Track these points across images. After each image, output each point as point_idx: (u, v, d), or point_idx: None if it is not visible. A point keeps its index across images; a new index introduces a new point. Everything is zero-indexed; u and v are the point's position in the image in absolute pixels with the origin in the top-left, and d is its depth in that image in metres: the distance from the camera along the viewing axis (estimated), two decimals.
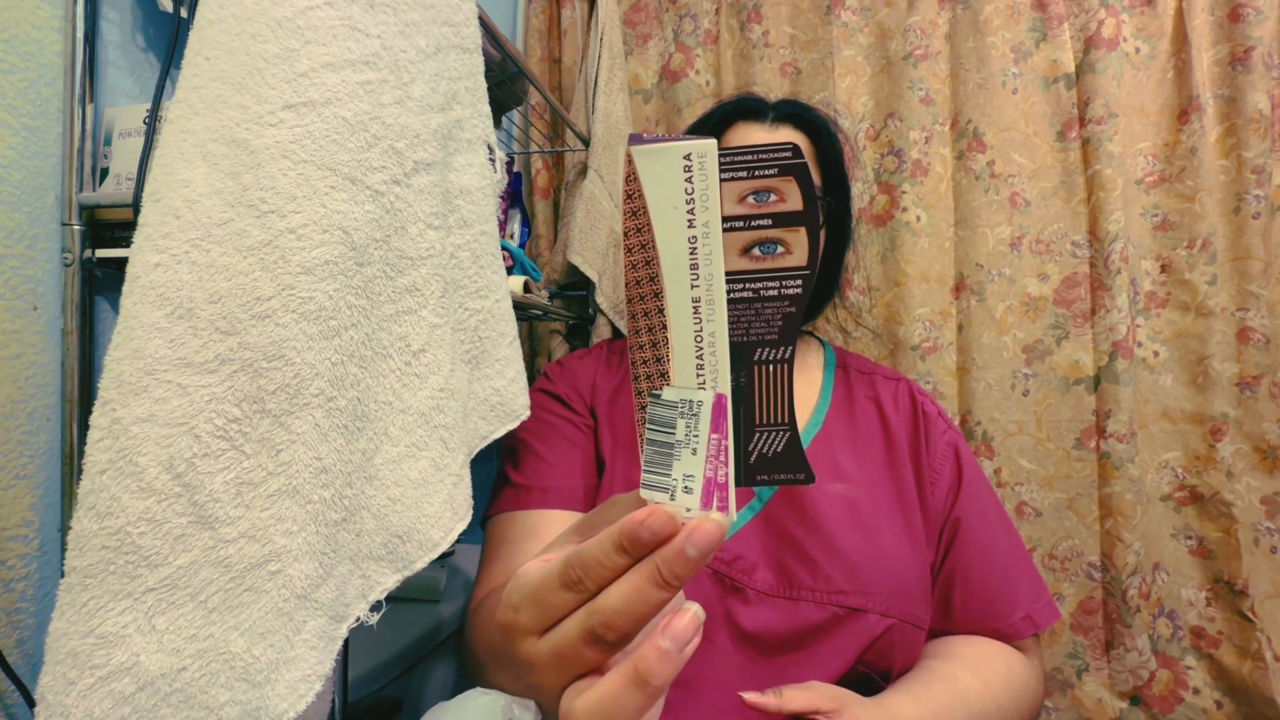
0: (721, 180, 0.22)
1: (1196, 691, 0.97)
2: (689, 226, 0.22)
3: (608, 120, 1.02)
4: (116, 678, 0.33)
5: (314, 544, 0.36)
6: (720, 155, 0.22)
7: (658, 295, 0.23)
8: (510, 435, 0.58)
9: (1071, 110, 1.05)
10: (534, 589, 0.24)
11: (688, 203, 0.21)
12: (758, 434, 0.25)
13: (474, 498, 0.46)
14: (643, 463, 0.23)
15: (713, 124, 0.62)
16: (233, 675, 0.34)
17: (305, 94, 0.37)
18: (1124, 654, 0.99)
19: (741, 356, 0.24)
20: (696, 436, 0.23)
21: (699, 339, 0.22)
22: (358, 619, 0.39)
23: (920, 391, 0.64)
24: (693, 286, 0.22)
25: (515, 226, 0.99)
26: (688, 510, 0.23)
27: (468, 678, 0.52)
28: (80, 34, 0.49)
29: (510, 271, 0.81)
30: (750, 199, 0.23)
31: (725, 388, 0.23)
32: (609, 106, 1.02)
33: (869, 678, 0.51)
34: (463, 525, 0.43)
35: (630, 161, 0.22)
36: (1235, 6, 1.02)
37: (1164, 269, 1.05)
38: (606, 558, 0.22)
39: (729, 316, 0.23)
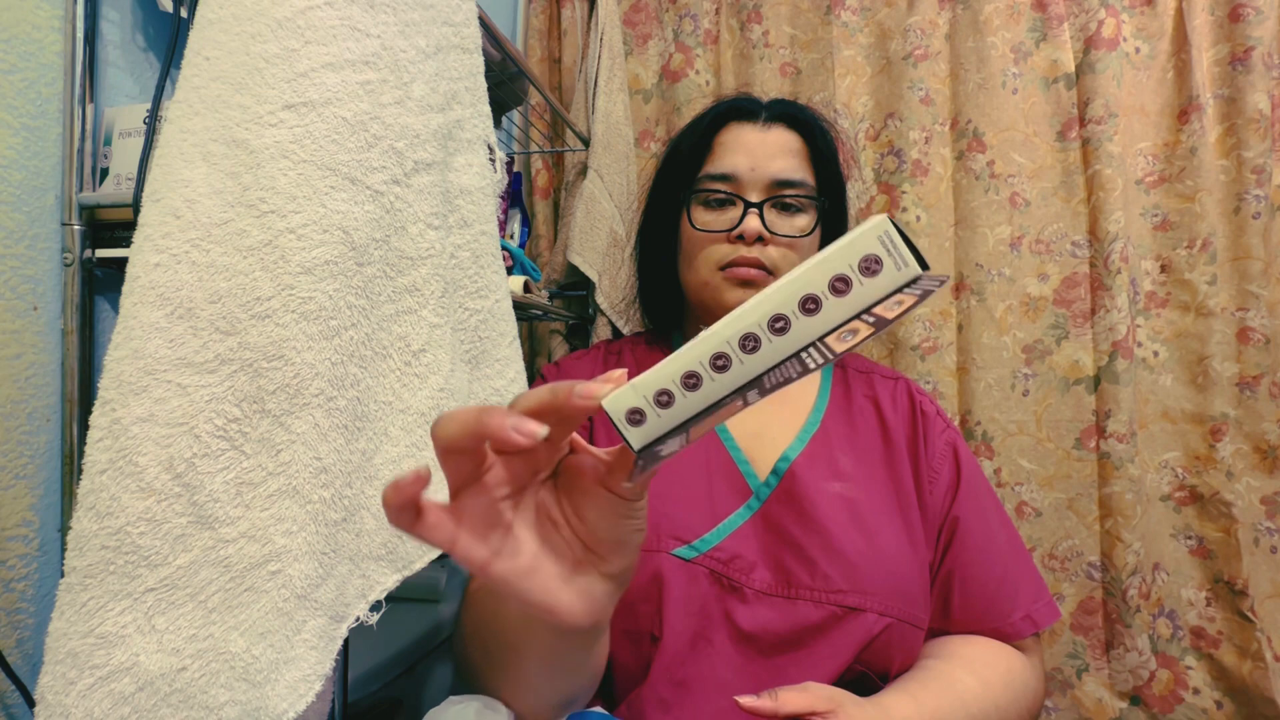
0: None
1: (1196, 691, 0.97)
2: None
3: (608, 120, 1.02)
4: (116, 678, 0.33)
5: (314, 544, 0.36)
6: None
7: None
8: None
9: (1071, 110, 1.05)
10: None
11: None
12: (669, 438, 0.25)
13: None
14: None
15: (706, 125, 0.62)
16: (232, 675, 0.34)
17: (305, 94, 0.37)
18: (1124, 654, 0.99)
19: (753, 387, 0.24)
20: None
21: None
22: (357, 619, 0.39)
23: (919, 390, 0.64)
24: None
25: (515, 226, 0.99)
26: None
27: (459, 677, 0.52)
28: (80, 34, 0.49)
29: (510, 271, 0.81)
30: (891, 302, 0.22)
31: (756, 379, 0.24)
32: (609, 106, 1.02)
33: (867, 677, 0.51)
34: None
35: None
36: (1235, 6, 1.02)
37: (1164, 269, 1.05)
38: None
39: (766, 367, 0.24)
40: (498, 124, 0.88)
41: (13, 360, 0.46)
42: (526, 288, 0.80)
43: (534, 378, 0.64)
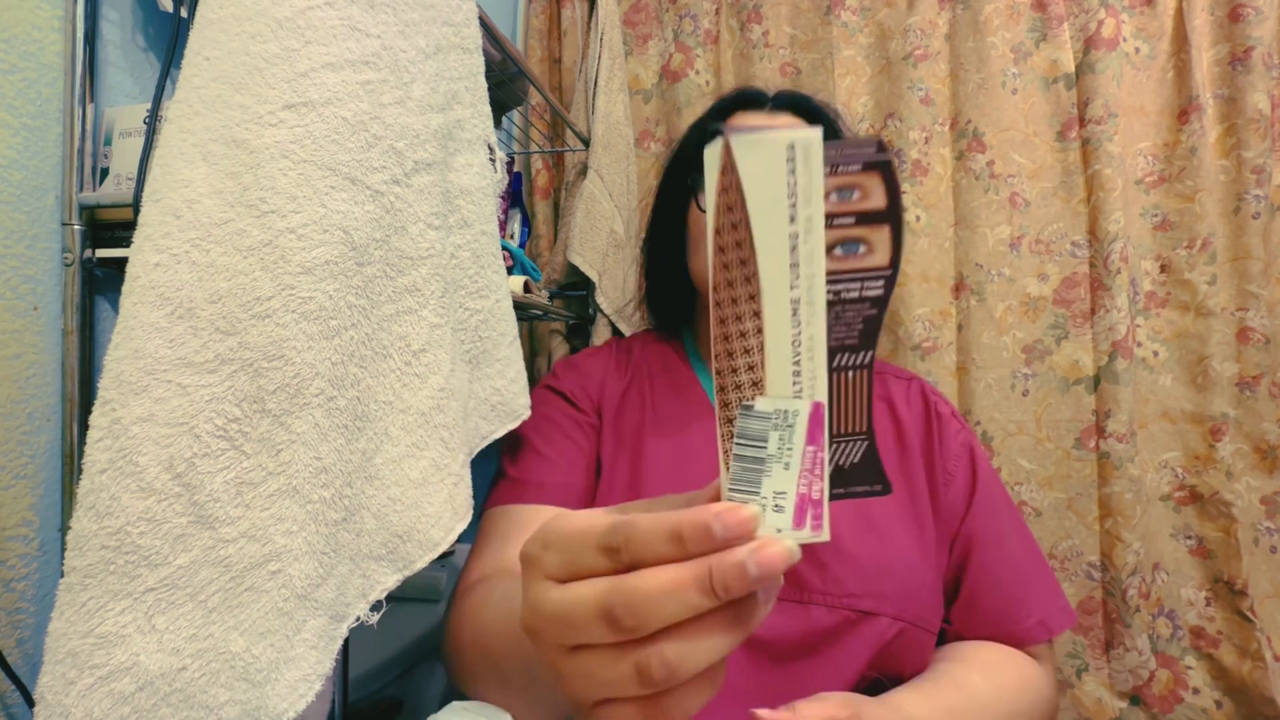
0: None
1: (1196, 691, 0.97)
2: (791, 223, 0.20)
3: (608, 120, 1.02)
4: (116, 677, 0.33)
5: (314, 544, 0.36)
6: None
7: (753, 298, 0.21)
8: (514, 430, 0.58)
9: (1071, 110, 1.05)
10: (571, 535, 0.22)
11: (790, 197, 0.20)
12: (834, 445, 0.23)
13: (474, 497, 0.46)
14: (727, 481, 0.22)
15: (712, 115, 0.62)
16: (233, 675, 0.34)
17: (305, 94, 0.37)
18: (1124, 654, 0.99)
19: (827, 364, 0.22)
20: (790, 450, 0.21)
21: (797, 344, 0.21)
22: (358, 618, 0.39)
23: (933, 391, 0.63)
24: (793, 287, 0.20)
25: (515, 226, 0.99)
26: (778, 531, 0.21)
27: (450, 676, 0.52)
28: (80, 34, 0.49)
29: (510, 271, 0.81)
30: (834, 196, 0.21)
31: (823, 395, 0.21)
32: (609, 106, 1.02)
33: (880, 684, 0.50)
34: (463, 525, 0.43)
35: (727, 152, 0.20)
36: (1235, 6, 1.02)
37: (1164, 269, 1.05)
38: (658, 539, 0.20)
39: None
40: (498, 124, 0.87)
41: (13, 360, 0.46)
42: (526, 288, 0.80)
43: (534, 378, 0.64)
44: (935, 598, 0.53)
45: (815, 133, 0.19)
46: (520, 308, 0.76)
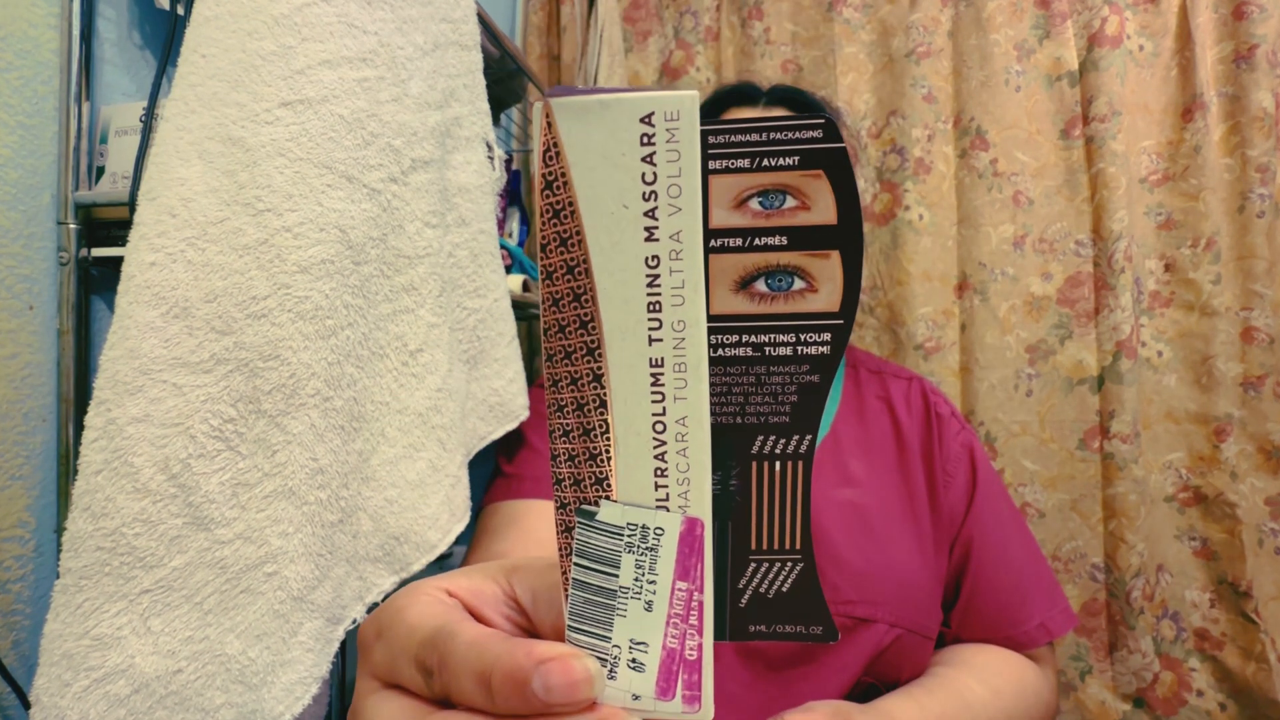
0: (711, 172, 0.15)
1: (1200, 694, 0.96)
2: (648, 239, 0.13)
3: None
4: (111, 680, 0.33)
5: (310, 545, 0.36)
6: (707, 130, 0.14)
7: (592, 352, 0.14)
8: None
9: (1075, 108, 1.05)
10: (399, 632, 0.16)
11: (646, 198, 0.13)
12: (753, 565, 0.16)
13: (472, 499, 0.46)
14: (567, 614, 0.15)
15: (705, 111, 0.61)
16: (228, 678, 0.34)
17: (302, 91, 0.36)
18: (1127, 656, 0.98)
19: (735, 446, 0.16)
20: (653, 584, 0.14)
21: (660, 426, 0.14)
22: (354, 621, 0.39)
23: (933, 390, 0.62)
24: (651, 339, 0.13)
25: (514, 225, 0.99)
26: (635, 697, 0.15)
27: None
28: (76, 31, 0.49)
29: (509, 270, 0.81)
30: (754, 203, 0.15)
31: (703, 509, 0.14)
32: None
33: (876, 690, 0.50)
34: (460, 527, 0.43)
35: (549, 127, 0.13)
36: (1239, 4, 1.01)
37: (1168, 268, 1.04)
38: (469, 676, 0.14)
39: (717, 384, 0.16)
40: (496, 122, 0.87)
41: (8, 360, 0.46)
42: (525, 287, 0.80)
43: (533, 377, 0.63)
44: (933, 603, 0.53)
45: (688, 95, 0.13)
46: (519, 307, 0.75)
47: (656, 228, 0.13)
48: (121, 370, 0.34)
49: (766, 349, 0.16)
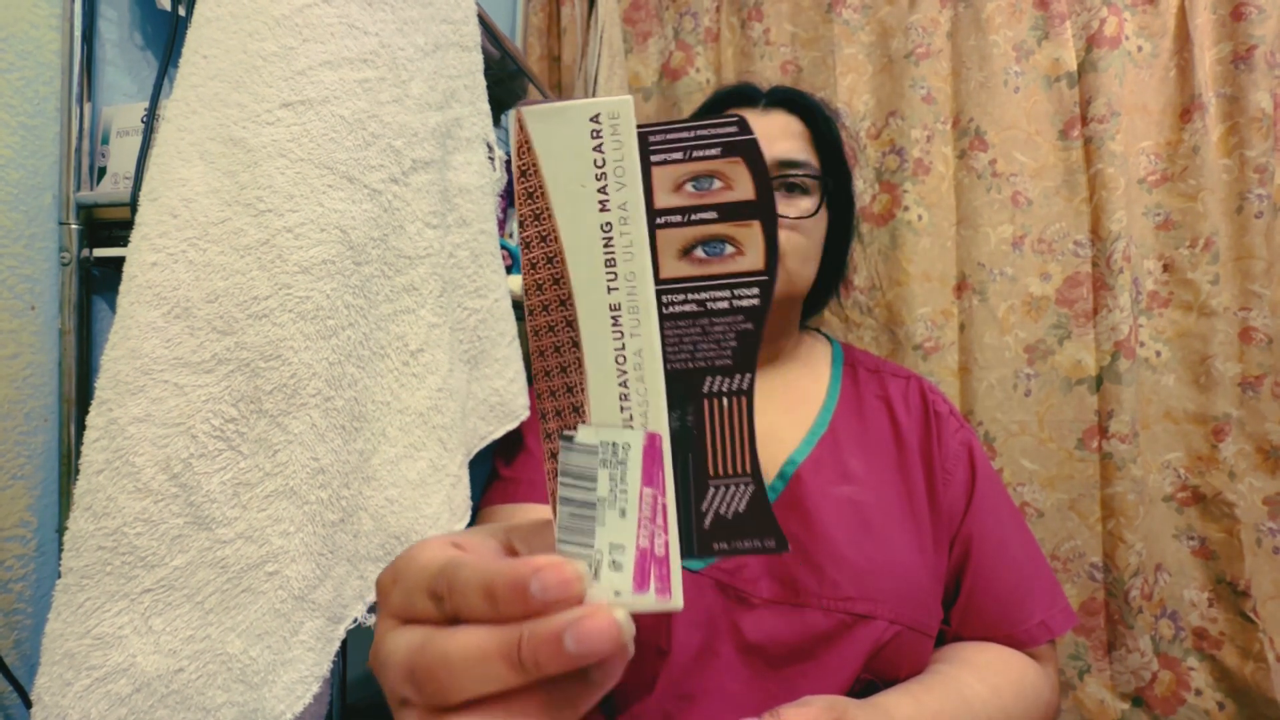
0: (653, 164, 0.19)
1: (1199, 693, 0.96)
2: (601, 210, 0.17)
3: None
4: (113, 679, 0.33)
5: (311, 545, 0.36)
6: (649, 131, 0.18)
7: (565, 303, 0.18)
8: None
9: (1073, 109, 1.05)
10: (412, 571, 0.18)
11: (598, 179, 0.17)
12: (713, 489, 0.19)
13: (472, 499, 0.46)
14: (556, 529, 0.18)
15: (706, 111, 0.62)
16: (230, 676, 0.34)
17: (303, 92, 0.36)
18: (1126, 655, 0.98)
19: (688, 388, 0.19)
20: (625, 492, 0.17)
21: (621, 359, 0.17)
22: (355, 620, 0.39)
23: (931, 389, 0.62)
24: (609, 288, 0.17)
25: (514, 225, 0.99)
26: (616, 594, 0.17)
27: None
28: (78, 32, 0.49)
29: (509, 270, 0.81)
30: (689, 187, 0.19)
31: (660, 425, 0.17)
32: None
33: (875, 687, 0.50)
34: (461, 526, 0.43)
35: (521, 129, 0.17)
36: (1237, 5, 1.01)
37: (1166, 268, 1.04)
38: (475, 592, 0.16)
39: (670, 336, 0.19)
40: (497, 122, 0.87)
41: (10, 360, 0.46)
42: None
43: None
44: (933, 600, 0.53)
45: (624, 100, 0.17)
46: (520, 307, 0.75)
47: (608, 200, 0.17)
48: (123, 370, 0.34)
49: (708, 304, 0.19)
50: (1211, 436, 1.00)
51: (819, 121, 0.59)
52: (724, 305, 0.19)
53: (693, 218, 0.19)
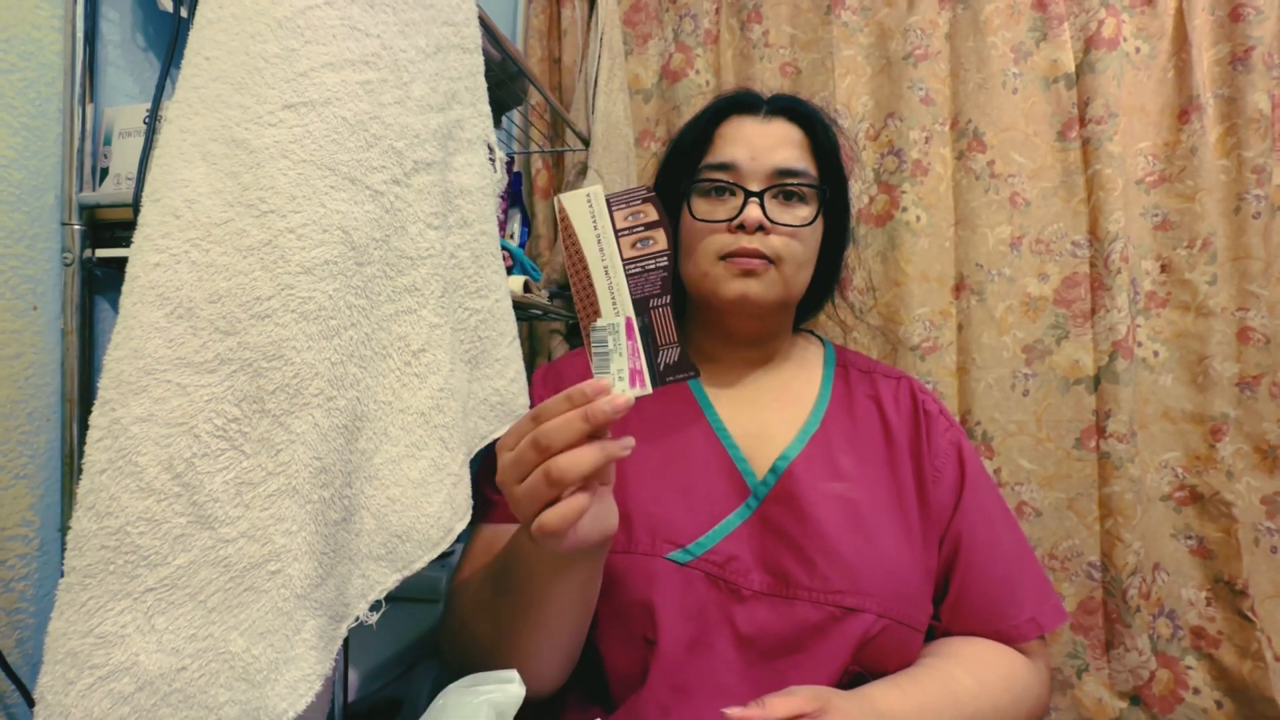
0: (614, 210, 0.41)
1: (1197, 691, 0.97)
2: (595, 228, 0.41)
3: (608, 120, 1.02)
4: (116, 677, 0.33)
5: (313, 544, 0.36)
6: (611, 196, 0.41)
7: (585, 271, 0.41)
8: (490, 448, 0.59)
9: (1072, 110, 1.05)
10: (517, 420, 0.41)
11: (593, 220, 0.41)
12: (660, 351, 0.41)
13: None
14: (592, 369, 0.41)
15: (707, 119, 0.62)
16: (232, 675, 0.34)
17: (305, 94, 0.37)
18: (1124, 654, 0.99)
19: (641, 305, 0.41)
20: (619, 344, 0.41)
21: (611, 289, 0.41)
22: (357, 619, 0.39)
23: (922, 389, 0.63)
24: (602, 263, 0.41)
25: (515, 226, 0.99)
26: (623, 391, 0.40)
27: (450, 670, 0.53)
28: (80, 33, 0.49)
29: (510, 271, 0.81)
30: (629, 217, 0.41)
31: (629, 314, 0.41)
32: (609, 106, 1.02)
33: (864, 680, 0.50)
34: (462, 525, 0.43)
35: (560, 206, 0.41)
36: (1235, 6, 1.02)
37: (1164, 269, 1.05)
38: (558, 402, 0.38)
39: (631, 284, 0.40)
40: (498, 124, 0.87)
41: (12, 360, 0.46)
42: (526, 287, 0.80)
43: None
44: (921, 596, 0.53)
45: (597, 189, 0.41)
46: (520, 307, 0.75)
47: (598, 228, 0.41)
48: (126, 370, 0.34)
49: (645, 266, 0.41)
50: (1209, 436, 1.00)
51: (818, 129, 0.60)
52: (651, 265, 0.41)
53: (633, 230, 0.41)
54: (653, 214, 0.40)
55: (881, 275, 1.10)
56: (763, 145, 0.58)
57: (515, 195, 0.98)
